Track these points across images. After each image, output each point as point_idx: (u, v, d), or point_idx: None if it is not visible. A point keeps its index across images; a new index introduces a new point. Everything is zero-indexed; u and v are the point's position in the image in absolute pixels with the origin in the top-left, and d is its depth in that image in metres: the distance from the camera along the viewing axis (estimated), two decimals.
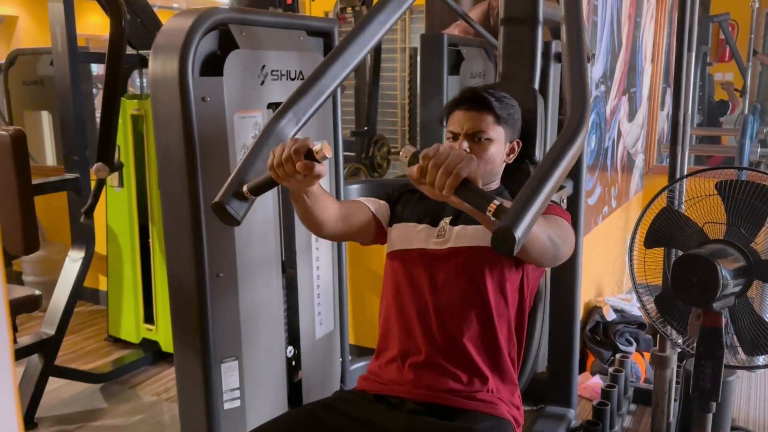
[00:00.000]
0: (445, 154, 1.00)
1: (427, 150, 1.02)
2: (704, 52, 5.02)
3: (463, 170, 0.99)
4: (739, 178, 1.70)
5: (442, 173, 0.99)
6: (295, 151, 1.10)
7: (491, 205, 0.96)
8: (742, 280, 1.59)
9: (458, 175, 0.98)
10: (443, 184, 0.99)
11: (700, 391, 1.61)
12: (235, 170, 1.21)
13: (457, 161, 0.99)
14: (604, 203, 3.30)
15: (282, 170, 1.12)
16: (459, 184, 0.99)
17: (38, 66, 3.81)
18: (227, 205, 1.16)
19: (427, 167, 1.00)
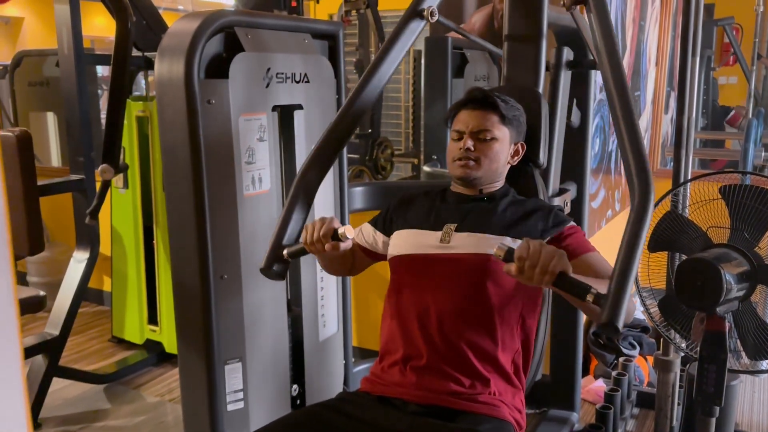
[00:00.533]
0: (537, 253, 1.11)
1: (520, 251, 1.13)
2: (708, 56, 5.01)
3: (558, 267, 1.11)
4: (743, 183, 1.70)
5: (540, 272, 1.11)
6: (323, 236, 1.35)
7: (589, 295, 1.09)
8: (745, 284, 1.59)
9: (554, 273, 1.11)
10: (541, 281, 1.12)
11: (704, 396, 1.61)
12: (275, 233, 1.44)
13: (550, 259, 1.11)
14: (607, 206, 3.30)
15: (314, 247, 1.37)
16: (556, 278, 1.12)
17: (44, 67, 3.83)
18: (272, 269, 1.43)
19: (524, 267, 1.12)
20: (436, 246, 1.44)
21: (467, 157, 1.47)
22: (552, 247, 1.13)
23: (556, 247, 1.13)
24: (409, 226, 1.51)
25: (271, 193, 1.84)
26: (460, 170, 1.49)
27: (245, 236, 1.77)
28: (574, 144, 2.24)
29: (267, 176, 1.82)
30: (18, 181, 2.19)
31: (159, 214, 2.95)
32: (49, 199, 2.62)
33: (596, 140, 2.94)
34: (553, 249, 1.12)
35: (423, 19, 1.63)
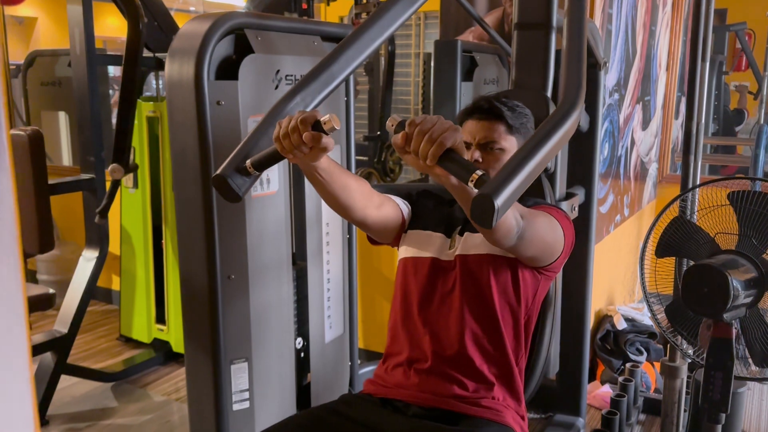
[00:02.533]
0: (430, 122, 0.98)
1: (414, 117, 1.00)
2: (720, 61, 4.99)
3: (448, 139, 0.97)
4: (753, 189, 1.69)
5: (426, 141, 0.97)
6: (302, 121, 1.06)
7: (473, 174, 0.94)
8: (753, 291, 1.58)
9: (442, 144, 0.96)
10: (427, 152, 0.97)
11: (710, 402, 1.60)
12: (239, 145, 1.19)
13: (441, 130, 0.97)
14: (616, 211, 3.29)
15: (288, 141, 1.08)
16: (442, 153, 0.97)
17: (56, 67, 3.86)
18: (229, 179, 1.13)
19: (413, 134, 0.98)
20: (444, 250, 1.44)
21: None
22: (449, 122, 1.00)
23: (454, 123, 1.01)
24: (423, 227, 1.51)
25: (279, 194, 1.85)
26: None
27: (253, 237, 1.77)
28: (583, 148, 2.24)
29: (275, 178, 1.83)
30: (29, 180, 2.22)
31: (168, 214, 2.97)
32: (60, 198, 2.64)
33: (605, 144, 2.93)
34: (449, 123, 0.99)
35: None
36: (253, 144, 1.19)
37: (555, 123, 1.10)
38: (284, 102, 1.31)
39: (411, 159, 1.01)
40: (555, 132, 1.08)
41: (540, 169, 1.02)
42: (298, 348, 2.03)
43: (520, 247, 1.24)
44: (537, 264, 1.37)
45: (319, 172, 1.20)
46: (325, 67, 1.38)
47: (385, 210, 1.42)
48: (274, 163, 1.14)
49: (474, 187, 0.94)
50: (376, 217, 1.39)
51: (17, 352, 0.49)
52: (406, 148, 1.00)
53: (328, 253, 2.11)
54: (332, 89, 1.40)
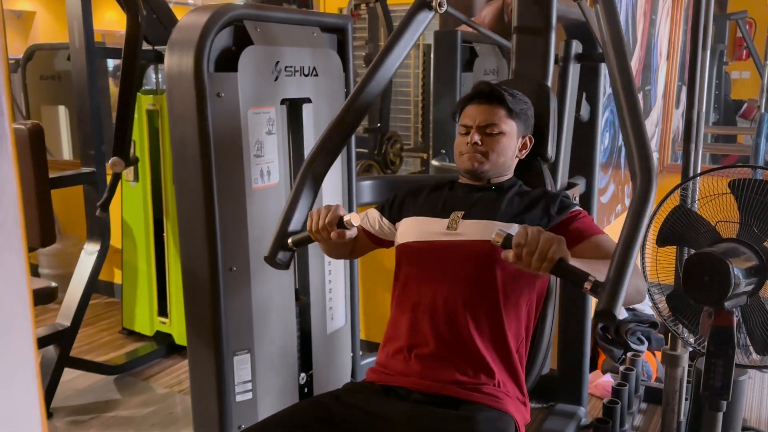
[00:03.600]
0: (535, 240, 1.10)
1: (518, 237, 1.12)
2: (721, 50, 4.97)
3: (557, 254, 1.09)
4: (754, 177, 1.69)
5: (537, 259, 1.10)
6: (329, 223, 1.34)
7: (587, 283, 1.09)
8: (754, 279, 1.58)
9: (553, 260, 1.09)
10: (539, 267, 1.10)
11: (711, 390, 1.60)
12: (279, 221, 1.45)
13: (548, 246, 1.09)
14: (617, 201, 3.29)
15: (319, 235, 1.37)
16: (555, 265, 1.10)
17: (55, 61, 3.85)
18: (276, 258, 1.42)
19: (522, 254, 1.11)
20: (443, 233, 1.45)
21: (475, 151, 1.48)
22: (551, 234, 1.12)
23: (554, 234, 1.12)
24: (416, 214, 1.51)
25: (280, 186, 1.85)
26: (467, 164, 1.49)
27: (254, 229, 1.78)
28: (584, 138, 2.24)
29: (275, 169, 1.83)
30: (30, 174, 2.22)
31: (169, 207, 2.97)
32: (61, 193, 2.64)
33: (606, 134, 2.92)
34: (551, 236, 1.11)
35: (431, 10, 1.62)
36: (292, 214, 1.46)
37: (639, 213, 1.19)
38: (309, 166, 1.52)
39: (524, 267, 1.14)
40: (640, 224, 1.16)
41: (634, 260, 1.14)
42: (299, 339, 2.04)
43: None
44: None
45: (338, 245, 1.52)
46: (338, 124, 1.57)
47: (368, 246, 1.65)
48: (309, 243, 1.42)
49: (590, 292, 1.08)
50: (360, 252, 1.68)
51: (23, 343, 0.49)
52: (518, 263, 1.13)
53: None
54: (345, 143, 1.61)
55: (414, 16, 1.62)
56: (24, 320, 0.46)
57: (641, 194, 1.22)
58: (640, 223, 1.16)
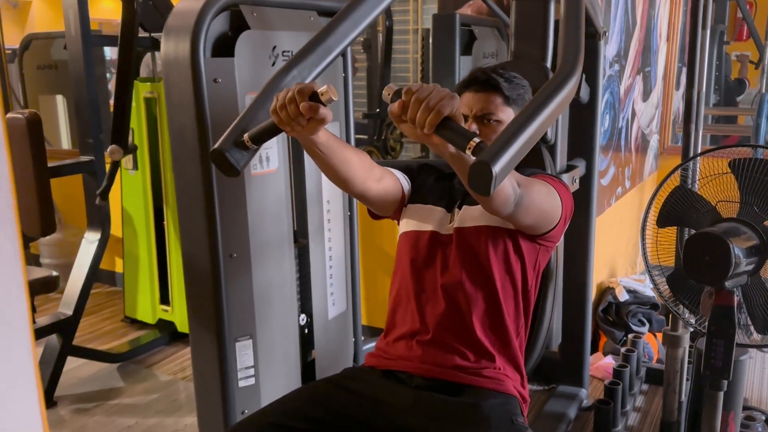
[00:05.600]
0: (427, 90, 0.96)
1: (410, 85, 0.98)
2: (721, 30, 4.93)
3: (445, 107, 0.95)
4: (755, 156, 1.69)
5: (424, 109, 0.95)
6: (299, 92, 1.06)
7: (471, 142, 0.93)
8: (755, 258, 1.58)
9: (440, 112, 0.95)
10: (424, 120, 0.96)
11: (711, 370, 1.61)
12: (237, 120, 1.17)
13: (438, 98, 0.95)
14: (617, 184, 3.28)
15: (285, 113, 1.08)
16: (440, 122, 0.95)
17: (52, 50, 3.83)
18: (227, 153, 1.12)
19: (409, 102, 0.97)
20: (444, 222, 1.45)
21: None
22: (446, 90, 0.98)
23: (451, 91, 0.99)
24: (424, 202, 1.51)
25: (279, 172, 1.85)
26: None
27: (253, 215, 1.78)
28: (584, 120, 2.23)
29: (274, 155, 1.83)
30: (28, 163, 2.21)
31: (169, 195, 2.97)
32: (61, 183, 2.64)
33: (606, 116, 2.91)
34: (447, 90, 0.97)
35: None
36: (251, 118, 1.17)
37: (552, 89, 1.09)
38: (281, 75, 1.29)
39: (408, 128, 1.00)
40: (553, 98, 1.07)
41: (538, 136, 1.01)
42: (301, 325, 2.04)
43: (517, 215, 1.24)
44: (535, 232, 1.38)
45: (318, 146, 1.19)
46: (321, 40, 1.37)
47: (384, 183, 1.41)
48: (272, 136, 1.13)
49: (472, 154, 0.93)
50: (376, 190, 1.38)
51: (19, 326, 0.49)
52: (403, 116, 0.99)
53: (330, 230, 2.11)
54: (329, 62, 1.38)
55: None
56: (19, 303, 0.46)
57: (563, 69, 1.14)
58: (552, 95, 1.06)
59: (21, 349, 0.50)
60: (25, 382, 0.50)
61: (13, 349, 0.49)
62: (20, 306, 0.48)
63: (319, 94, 1.06)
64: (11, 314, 0.48)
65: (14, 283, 0.47)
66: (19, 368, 0.50)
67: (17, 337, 0.49)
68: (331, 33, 1.38)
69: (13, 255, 0.45)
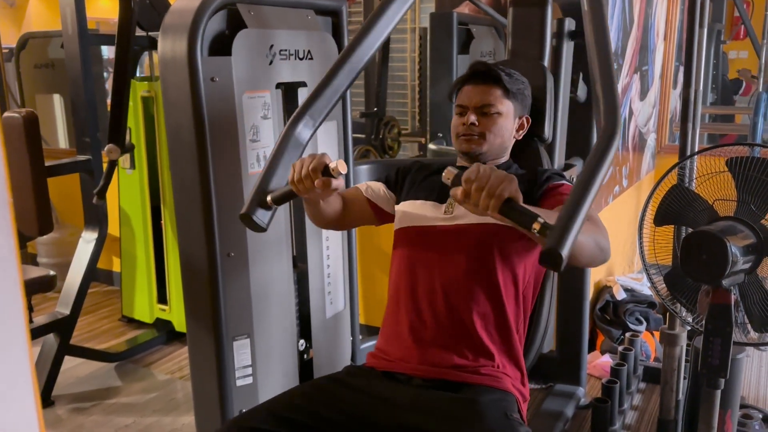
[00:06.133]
0: (485, 177, 1.05)
1: (469, 173, 1.07)
2: (718, 29, 4.94)
3: (505, 192, 1.04)
4: (752, 155, 1.69)
5: (486, 196, 1.04)
6: (313, 170, 1.21)
7: (535, 224, 1.02)
8: (751, 257, 1.59)
9: (501, 197, 1.04)
10: (487, 205, 1.05)
11: (708, 368, 1.61)
12: (258, 180, 1.32)
13: (498, 183, 1.04)
14: (614, 183, 3.28)
15: (302, 185, 1.23)
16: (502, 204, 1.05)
17: (49, 49, 3.83)
18: (253, 216, 1.27)
19: (471, 190, 1.06)
20: (441, 218, 1.45)
21: (471, 132, 1.47)
22: (503, 172, 1.07)
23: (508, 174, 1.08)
24: (415, 198, 1.51)
25: None
26: (464, 145, 1.49)
27: None
28: (581, 119, 2.23)
29: None
30: (25, 163, 2.21)
31: (166, 194, 2.97)
32: (58, 182, 2.63)
33: None
34: (502, 173, 1.06)
35: None
36: (271, 174, 1.32)
37: (599, 156, 1.14)
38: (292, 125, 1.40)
39: (471, 209, 1.09)
40: (601, 165, 1.12)
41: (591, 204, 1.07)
42: (299, 323, 2.04)
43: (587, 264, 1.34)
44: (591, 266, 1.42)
45: (323, 202, 1.37)
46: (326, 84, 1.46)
47: (351, 206, 1.53)
48: (291, 199, 1.30)
49: (538, 233, 1.01)
50: (345, 218, 1.52)
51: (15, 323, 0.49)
52: (467, 201, 1.08)
53: None
54: (334, 104, 1.48)
55: None
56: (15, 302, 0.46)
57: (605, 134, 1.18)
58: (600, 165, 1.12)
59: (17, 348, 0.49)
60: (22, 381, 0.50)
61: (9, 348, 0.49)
62: (16, 305, 0.48)
63: (330, 169, 1.21)
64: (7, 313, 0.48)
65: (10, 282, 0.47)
66: (15, 367, 0.50)
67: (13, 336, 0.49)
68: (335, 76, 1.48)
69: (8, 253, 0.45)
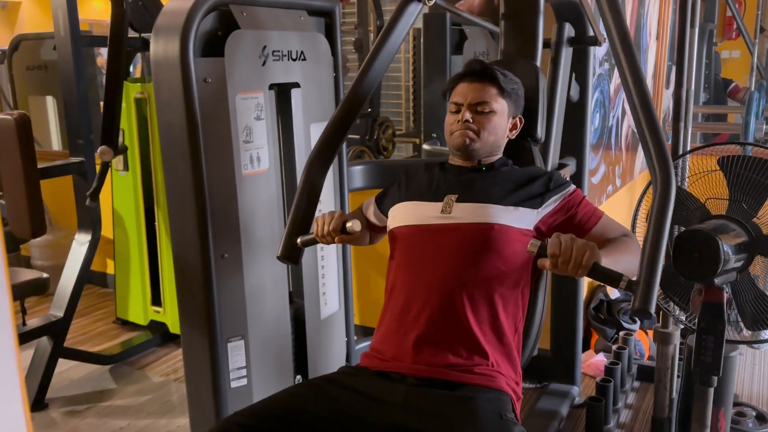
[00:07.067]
0: (569, 249, 1.17)
1: (552, 248, 1.18)
2: (711, 29, 4.96)
3: (591, 261, 1.17)
4: (745, 154, 1.70)
5: (573, 267, 1.17)
6: (333, 230, 1.46)
7: (622, 283, 1.18)
8: (743, 255, 1.59)
9: (588, 266, 1.17)
10: (575, 273, 1.18)
11: (701, 366, 1.62)
12: (288, 224, 1.57)
13: (582, 254, 1.17)
14: (608, 182, 3.29)
15: (324, 240, 1.49)
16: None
17: (42, 51, 3.81)
18: (285, 258, 1.57)
19: (558, 263, 1.18)
20: (438, 217, 1.45)
21: (466, 128, 1.47)
22: (583, 241, 1.18)
23: (586, 241, 1.19)
24: (409, 198, 1.52)
25: (270, 171, 1.84)
26: (458, 141, 1.49)
27: (245, 215, 1.77)
28: (574, 119, 2.24)
29: (265, 155, 1.82)
30: (18, 165, 2.19)
31: (160, 196, 2.96)
32: (51, 184, 2.62)
33: (596, 115, 2.92)
34: (583, 243, 1.17)
35: (420, 2, 1.68)
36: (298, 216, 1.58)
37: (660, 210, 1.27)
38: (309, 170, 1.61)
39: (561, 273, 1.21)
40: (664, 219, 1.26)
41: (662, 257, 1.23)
42: (294, 325, 2.04)
43: None
44: None
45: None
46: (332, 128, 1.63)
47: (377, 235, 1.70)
48: (317, 243, 1.54)
49: (624, 290, 1.18)
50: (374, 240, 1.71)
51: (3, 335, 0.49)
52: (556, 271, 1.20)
53: None
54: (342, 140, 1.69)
55: (404, 9, 1.67)
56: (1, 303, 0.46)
57: (662, 193, 1.29)
58: (664, 222, 1.25)
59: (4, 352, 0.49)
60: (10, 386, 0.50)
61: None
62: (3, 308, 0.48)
63: (346, 227, 1.46)
64: None
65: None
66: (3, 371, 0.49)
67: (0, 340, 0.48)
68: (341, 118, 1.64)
69: None
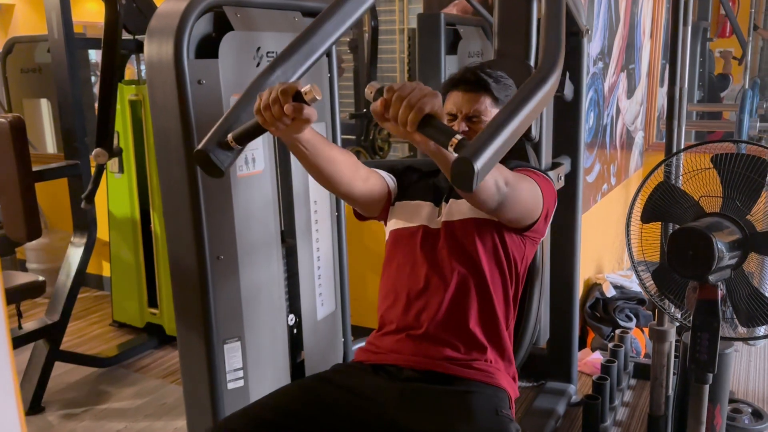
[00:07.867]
0: (409, 88, 0.98)
1: (392, 84, 0.99)
2: (705, 27, 4.98)
3: (426, 104, 0.96)
4: (739, 152, 1.71)
5: (405, 107, 0.96)
6: (283, 92, 1.06)
7: (453, 139, 0.94)
8: (737, 252, 1.60)
9: (421, 110, 0.96)
10: (406, 118, 0.97)
11: (697, 363, 1.63)
12: (220, 120, 1.17)
13: (420, 95, 0.97)
14: (603, 181, 3.30)
15: (269, 113, 1.08)
16: (422, 119, 0.96)
17: (36, 53, 3.80)
18: (211, 154, 1.10)
19: (391, 100, 0.98)
20: (432, 217, 1.46)
21: None
22: (428, 88, 0.99)
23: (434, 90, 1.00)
24: (409, 198, 1.52)
25: (265, 173, 1.85)
26: None
27: (240, 217, 1.77)
28: (568, 117, 2.24)
29: (260, 156, 1.82)
30: (13, 168, 2.19)
31: (155, 198, 2.96)
32: (46, 187, 2.62)
33: (590, 114, 2.93)
34: (428, 88, 0.99)
35: None
36: (234, 118, 1.16)
37: (534, 85, 1.10)
38: (265, 75, 1.28)
39: (391, 126, 1.00)
40: (534, 94, 1.07)
41: (520, 132, 1.01)
42: (290, 325, 2.04)
43: (501, 210, 1.26)
44: (517, 225, 1.40)
45: (303, 144, 1.19)
46: (305, 40, 1.35)
47: (371, 182, 1.43)
48: (256, 136, 1.12)
49: (454, 151, 0.93)
50: (362, 190, 1.39)
51: None
52: (386, 114, 1.00)
53: (317, 230, 2.11)
54: (313, 61, 1.36)
55: None
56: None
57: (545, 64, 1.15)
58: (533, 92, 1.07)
59: None
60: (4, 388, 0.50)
61: None
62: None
63: (302, 93, 1.05)
64: None
65: None
66: None
67: None
68: (315, 32, 1.36)
69: None
